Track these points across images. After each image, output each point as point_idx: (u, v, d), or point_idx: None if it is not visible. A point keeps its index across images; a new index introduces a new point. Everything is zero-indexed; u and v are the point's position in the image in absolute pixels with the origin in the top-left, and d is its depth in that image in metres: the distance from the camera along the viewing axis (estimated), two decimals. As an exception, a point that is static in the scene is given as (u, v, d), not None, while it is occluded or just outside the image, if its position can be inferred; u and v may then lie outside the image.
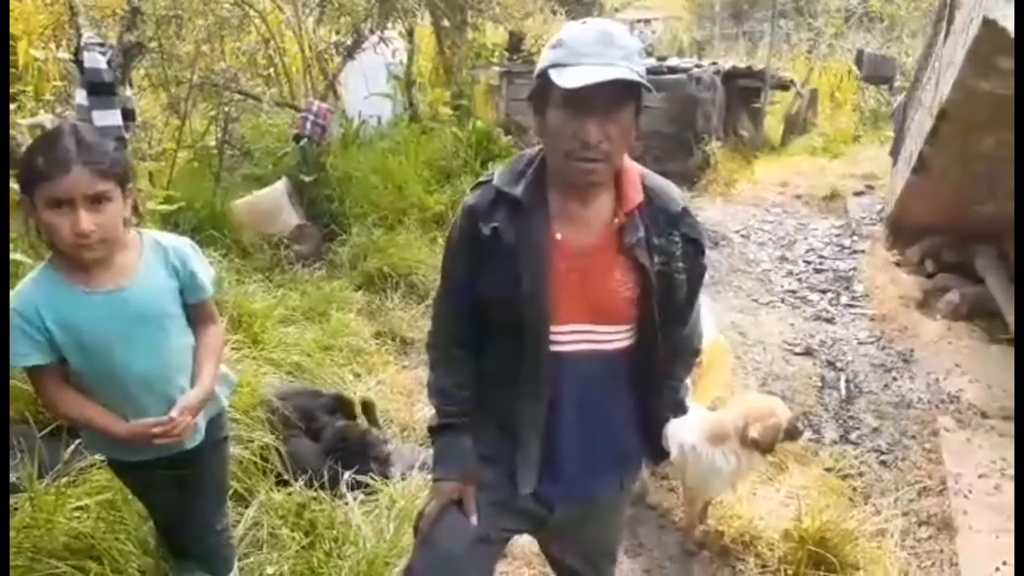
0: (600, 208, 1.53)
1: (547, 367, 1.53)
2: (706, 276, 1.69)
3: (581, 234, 1.52)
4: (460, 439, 1.66)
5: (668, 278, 1.52)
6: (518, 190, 1.51)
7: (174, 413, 1.81)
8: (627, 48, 1.37)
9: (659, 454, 1.79)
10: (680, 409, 1.81)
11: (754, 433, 2.55)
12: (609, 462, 1.70)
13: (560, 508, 1.70)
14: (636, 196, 1.52)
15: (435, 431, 1.71)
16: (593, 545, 1.88)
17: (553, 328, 1.51)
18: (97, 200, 1.61)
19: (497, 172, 1.58)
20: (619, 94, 1.37)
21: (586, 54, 1.35)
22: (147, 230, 1.90)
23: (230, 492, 2.47)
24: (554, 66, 1.38)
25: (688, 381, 1.84)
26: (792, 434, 2.66)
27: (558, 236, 1.51)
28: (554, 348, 1.52)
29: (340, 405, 3.33)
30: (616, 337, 1.56)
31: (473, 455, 1.66)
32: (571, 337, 1.53)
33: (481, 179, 1.62)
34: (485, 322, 1.59)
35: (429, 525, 1.65)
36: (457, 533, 1.64)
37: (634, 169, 1.56)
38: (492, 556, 1.77)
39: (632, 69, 1.35)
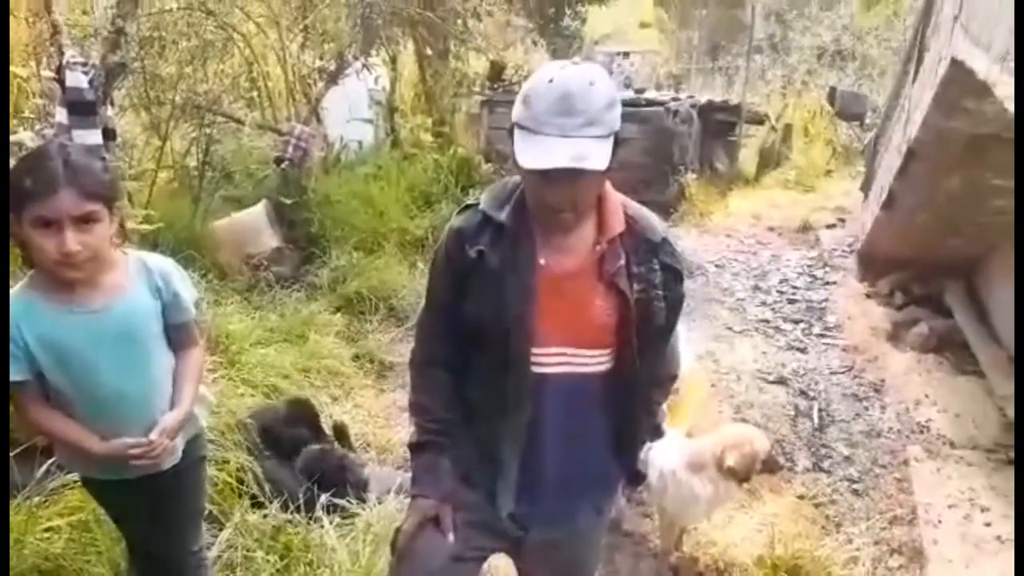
0: (582, 235, 1.56)
1: (528, 389, 1.55)
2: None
3: (564, 260, 1.55)
4: (439, 457, 1.67)
5: (647, 305, 1.55)
6: (503, 215, 1.54)
7: (153, 435, 1.80)
8: (588, 111, 1.36)
9: (635, 478, 1.82)
10: (657, 433, 1.85)
11: (731, 461, 2.57)
12: (586, 485, 1.71)
13: (537, 529, 1.71)
14: (618, 225, 1.55)
15: (414, 448, 1.71)
16: (570, 569, 1.88)
17: (535, 350, 1.54)
18: (84, 221, 1.61)
19: (484, 196, 1.61)
20: (578, 168, 1.37)
21: (546, 123, 1.37)
22: (132, 250, 1.90)
23: (205, 514, 2.45)
24: (520, 126, 1.41)
25: (664, 406, 1.86)
26: (770, 465, 2.68)
27: (542, 261, 1.54)
28: (535, 370, 1.55)
29: (298, 412, 3.28)
30: (595, 361, 1.59)
31: (451, 473, 1.67)
32: (552, 359, 1.56)
33: (468, 203, 1.65)
34: (468, 343, 1.61)
35: (407, 541, 1.66)
36: (433, 550, 1.65)
37: (616, 197, 1.59)
38: (471, 569, 1.78)
39: (594, 136, 1.37)
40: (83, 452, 1.80)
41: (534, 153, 1.37)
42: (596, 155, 1.37)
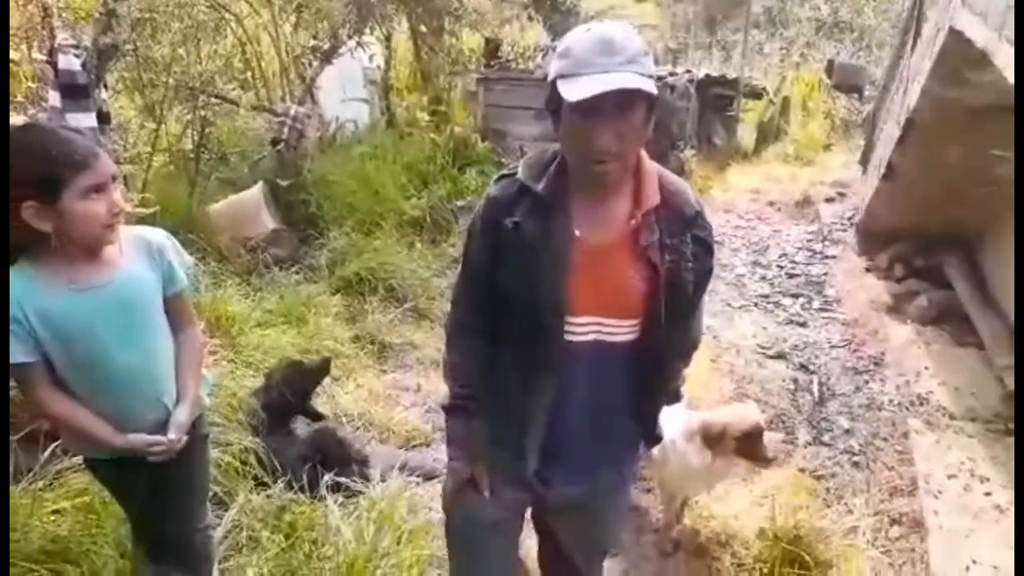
0: (618, 207, 1.58)
1: (559, 356, 1.58)
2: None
3: (599, 232, 1.56)
4: (470, 421, 1.74)
5: (676, 277, 1.57)
6: (540, 186, 1.56)
7: (171, 435, 1.84)
8: (627, 51, 1.40)
9: (654, 439, 1.85)
10: (676, 397, 1.91)
11: (733, 433, 2.59)
12: (610, 447, 1.76)
13: (560, 488, 1.76)
14: (654, 197, 1.56)
15: (447, 410, 1.80)
16: (593, 530, 1.93)
17: (568, 319, 1.56)
18: (115, 179, 1.69)
19: (521, 166, 1.63)
20: (624, 99, 1.40)
21: (589, 63, 1.39)
22: (123, 226, 1.87)
23: (210, 495, 2.47)
24: (561, 76, 1.43)
25: (685, 370, 1.90)
26: (752, 446, 2.64)
27: (577, 233, 1.55)
28: (567, 338, 1.58)
29: (279, 378, 3.23)
30: (623, 330, 1.61)
31: (482, 436, 1.73)
32: (583, 329, 1.58)
33: (505, 172, 1.67)
34: (501, 310, 1.63)
35: (450, 502, 1.81)
36: (475, 509, 1.77)
37: (653, 168, 1.60)
38: (514, 526, 1.89)
39: (635, 72, 1.39)
40: (97, 440, 1.81)
41: (581, 88, 1.38)
42: (645, 85, 1.40)
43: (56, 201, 1.59)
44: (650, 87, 1.41)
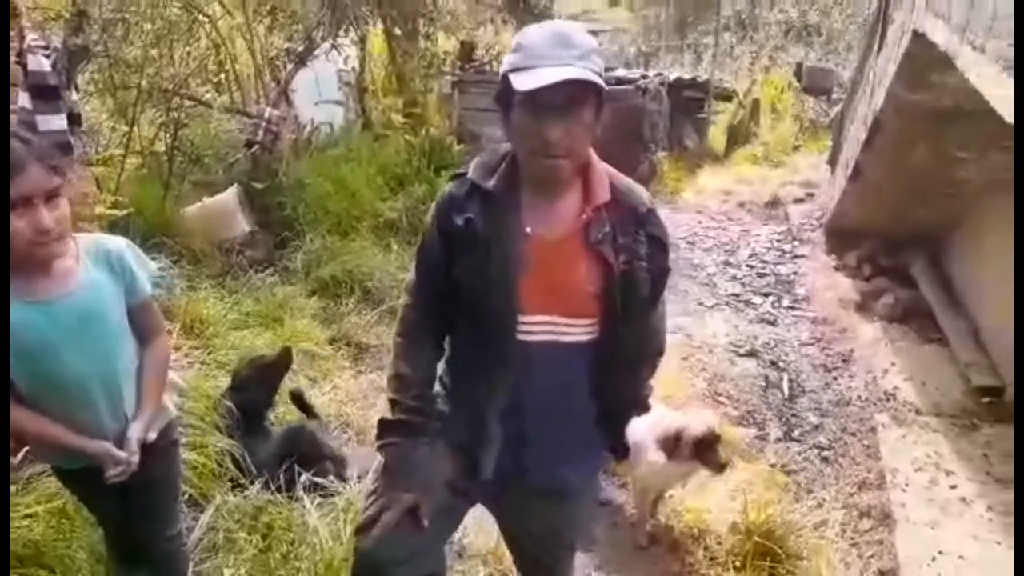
0: (568, 203, 1.58)
1: (513, 356, 1.58)
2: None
3: (551, 228, 1.57)
4: (414, 444, 1.64)
5: (632, 275, 1.57)
6: (491, 184, 1.57)
7: (123, 453, 1.78)
8: (582, 47, 1.41)
9: (620, 451, 1.83)
10: (644, 408, 1.85)
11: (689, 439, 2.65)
12: (569, 453, 1.73)
13: (519, 494, 1.74)
14: (603, 194, 1.57)
15: (389, 426, 1.66)
16: (553, 535, 1.91)
17: (520, 319, 1.56)
18: (53, 196, 1.58)
19: (472, 165, 1.63)
20: (576, 93, 1.41)
21: (542, 56, 1.40)
22: (80, 234, 1.82)
23: (186, 497, 2.46)
24: (514, 70, 1.43)
25: (652, 382, 1.89)
26: (706, 451, 2.67)
27: (528, 230, 1.56)
28: (520, 338, 1.57)
29: (243, 376, 3.20)
30: (579, 330, 1.60)
31: (427, 460, 1.65)
32: (537, 328, 1.57)
33: (458, 171, 1.67)
34: (455, 310, 1.63)
35: (383, 530, 1.61)
36: (409, 534, 1.63)
37: (602, 168, 1.61)
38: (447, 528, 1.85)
39: (587, 68, 1.40)
40: (54, 445, 1.78)
41: (534, 78, 1.38)
42: (598, 80, 1.41)
43: None
44: (602, 83, 1.42)
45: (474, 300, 1.57)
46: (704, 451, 2.66)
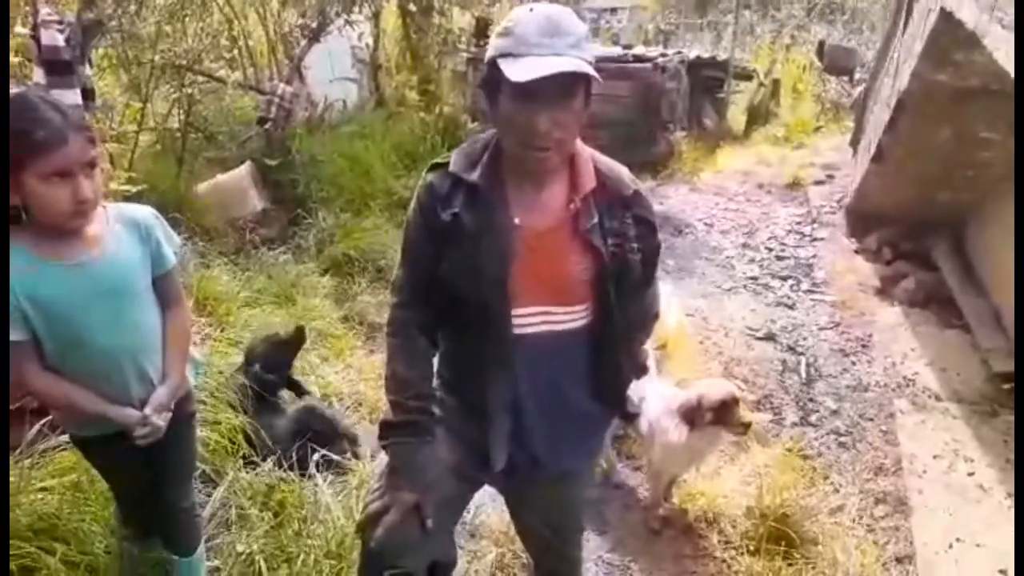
0: (555, 192, 1.55)
1: (510, 350, 1.55)
2: (671, 263, 1.72)
3: (538, 218, 1.54)
4: (418, 445, 1.62)
5: (622, 259, 1.55)
6: (475, 176, 1.52)
7: (148, 411, 1.82)
8: (574, 35, 1.37)
9: (627, 416, 1.85)
10: (641, 371, 1.85)
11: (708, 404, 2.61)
12: (575, 435, 1.73)
13: (527, 480, 1.74)
14: (589, 181, 1.54)
15: (391, 427, 1.64)
16: (561, 516, 1.92)
17: (515, 311, 1.53)
18: (90, 166, 1.62)
19: (453, 157, 1.58)
20: (567, 84, 1.37)
21: (533, 44, 1.35)
22: (109, 203, 1.86)
23: (198, 473, 2.46)
24: (503, 55, 1.38)
25: (648, 346, 1.87)
26: (727, 414, 2.64)
27: (516, 221, 1.52)
28: (516, 331, 1.54)
29: (257, 353, 3.18)
30: (573, 317, 1.59)
31: (435, 460, 1.64)
32: (532, 319, 1.55)
33: (437, 161, 1.61)
34: (446, 305, 1.59)
35: (386, 530, 1.59)
36: (413, 531, 1.61)
37: (586, 154, 1.58)
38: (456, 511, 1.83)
39: (579, 57, 1.35)
40: (82, 413, 1.79)
41: (526, 69, 1.33)
42: (591, 71, 1.37)
43: (18, 177, 1.56)
44: (594, 73, 1.38)
45: (466, 295, 1.53)
46: (725, 413, 2.61)
